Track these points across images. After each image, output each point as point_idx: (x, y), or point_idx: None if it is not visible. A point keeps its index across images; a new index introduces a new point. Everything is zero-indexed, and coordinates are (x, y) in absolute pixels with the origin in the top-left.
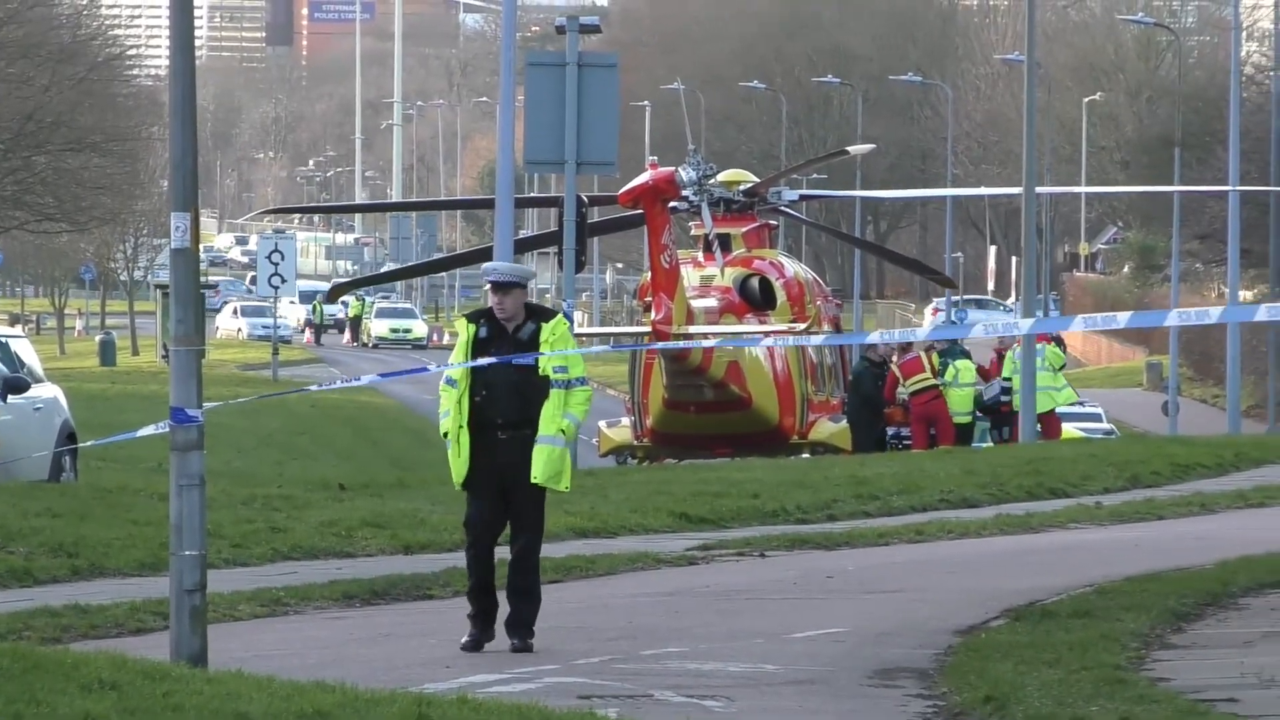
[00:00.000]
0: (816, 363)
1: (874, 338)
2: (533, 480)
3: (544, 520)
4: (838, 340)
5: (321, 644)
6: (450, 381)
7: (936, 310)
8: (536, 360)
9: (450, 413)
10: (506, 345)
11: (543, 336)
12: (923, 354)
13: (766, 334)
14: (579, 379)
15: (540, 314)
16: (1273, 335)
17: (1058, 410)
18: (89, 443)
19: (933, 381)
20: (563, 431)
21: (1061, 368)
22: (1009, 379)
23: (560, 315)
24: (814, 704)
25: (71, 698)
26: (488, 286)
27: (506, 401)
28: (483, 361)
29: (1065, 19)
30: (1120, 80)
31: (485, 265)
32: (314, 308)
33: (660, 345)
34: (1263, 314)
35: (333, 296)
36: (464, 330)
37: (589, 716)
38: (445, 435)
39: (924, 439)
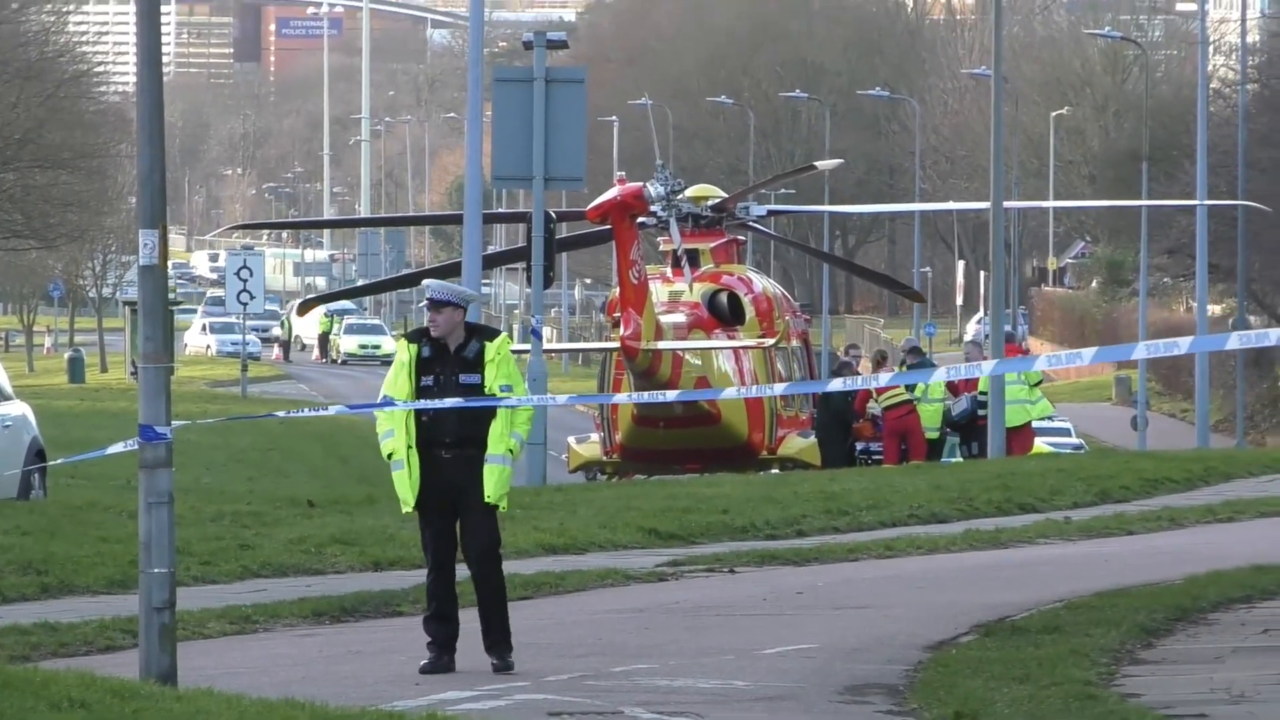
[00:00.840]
0: (786, 378)
1: (835, 385)
2: (486, 499)
3: (500, 534)
4: (801, 389)
5: (291, 661)
6: (390, 402)
7: (980, 322)
8: (482, 381)
9: (395, 432)
10: (450, 364)
11: (488, 356)
12: (896, 368)
13: (735, 349)
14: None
15: (482, 333)
16: (1240, 350)
17: (1033, 423)
18: (58, 460)
19: (907, 396)
20: (510, 451)
21: (1039, 382)
22: (984, 393)
23: (503, 335)
24: None
25: (41, 716)
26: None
27: (454, 422)
28: (447, 403)
29: (1032, 33)
30: (1087, 94)
31: (425, 281)
32: (283, 323)
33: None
34: (1233, 342)
35: (301, 312)
36: (405, 351)
37: None
38: (389, 457)
39: (896, 453)
